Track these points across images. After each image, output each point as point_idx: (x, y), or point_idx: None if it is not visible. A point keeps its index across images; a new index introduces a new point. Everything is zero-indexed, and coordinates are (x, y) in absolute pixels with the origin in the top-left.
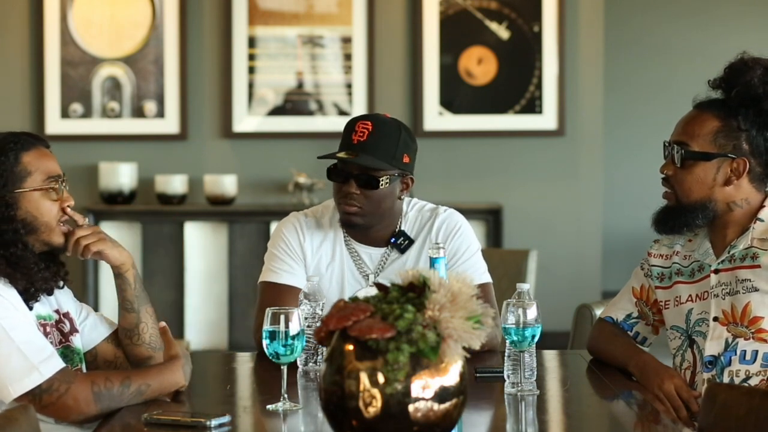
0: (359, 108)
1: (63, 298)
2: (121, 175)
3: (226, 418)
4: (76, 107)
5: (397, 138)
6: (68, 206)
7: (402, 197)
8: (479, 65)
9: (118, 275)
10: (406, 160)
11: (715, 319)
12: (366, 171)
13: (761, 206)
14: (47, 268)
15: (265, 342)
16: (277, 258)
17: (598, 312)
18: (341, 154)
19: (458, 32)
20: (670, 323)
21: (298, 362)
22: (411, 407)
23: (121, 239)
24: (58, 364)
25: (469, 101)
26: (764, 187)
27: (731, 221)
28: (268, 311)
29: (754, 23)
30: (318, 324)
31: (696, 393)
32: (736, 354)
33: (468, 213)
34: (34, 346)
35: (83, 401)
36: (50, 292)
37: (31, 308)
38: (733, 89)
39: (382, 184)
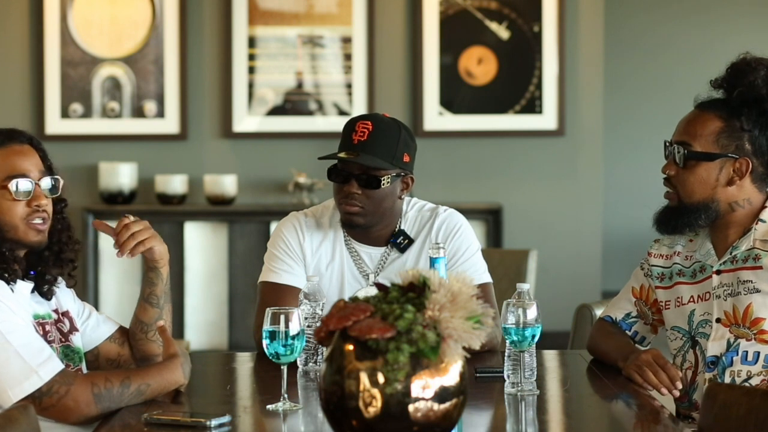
0: (359, 108)
1: (63, 298)
2: (121, 175)
3: (226, 418)
4: (76, 107)
5: (398, 137)
6: (37, 205)
7: (402, 197)
8: (479, 65)
9: (153, 269)
10: (406, 159)
11: (718, 320)
12: (367, 171)
13: (763, 207)
14: (11, 260)
15: (265, 342)
16: (277, 258)
17: (598, 312)
18: (342, 154)
19: (458, 32)
20: (670, 324)
21: (298, 362)
22: (411, 407)
23: None
24: (57, 366)
25: (469, 101)
26: (766, 188)
27: (733, 221)
28: (268, 311)
29: (754, 23)
30: (318, 324)
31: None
32: (737, 354)
33: (468, 213)
34: (33, 349)
35: (83, 403)
36: (49, 295)
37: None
38: (736, 89)
39: (383, 184)
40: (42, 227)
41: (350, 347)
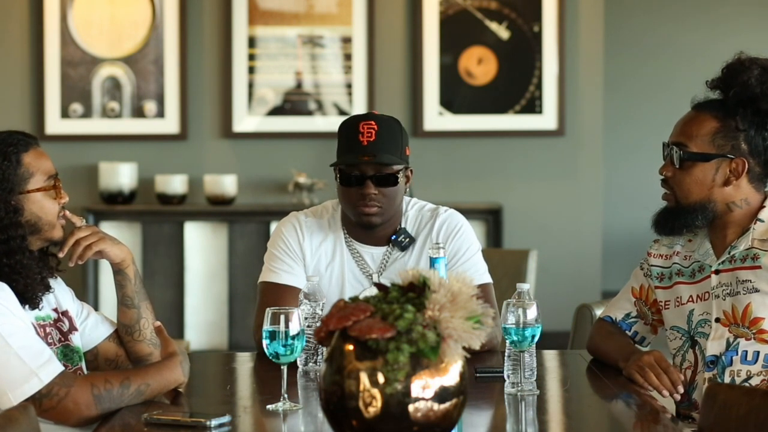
0: (359, 108)
1: (62, 297)
2: (121, 175)
3: (226, 418)
4: (76, 107)
5: (400, 132)
6: (64, 203)
7: (406, 190)
8: (479, 65)
9: (119, 272)
10: (408, 152)
11: (717, 320)
12: (381, 170)
13: (761, 206)
14: (45, 267)
15: (265, 342)
16: (277, 258)
17: (598, 312)
18: (359, 158)
19: (458, 32)
20: (670, 323)
21: (298, 362)
22: (411, 407)
23: (121, 239)
24: (57, 368)
25: (469, 101)
26: (763, 187)
27: (731, 222)
28: (268, 311)
29: (754, 23)
30: (318, 324)
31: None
32: (737, 354)
33: (468, 213)
34: (32, 351)
35: (83, 404)
36: (48, 289)
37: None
38: (731, 89)
39: (399, 180)
40: (63, 223)
41: (350, 347)
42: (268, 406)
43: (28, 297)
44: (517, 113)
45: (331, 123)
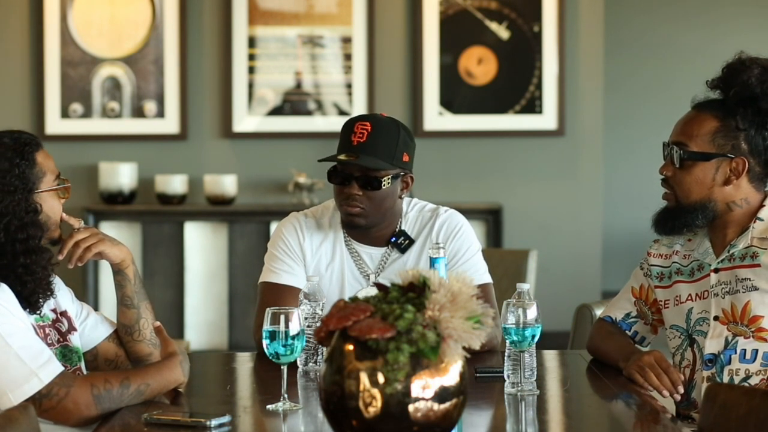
0: (359, 108)
1: (61, 297)
2: (121, 175)
3: (226, 418)
4: (76, 107)
5: (397, 137)
6: (63, 202)
7: (402, 196)
8: (479, 65)
9: (118, 272)
10: (405, 158)
11: (716, 318)
12: (367, 172)
13: (761, 205)
14: (52, 269)
15: (265, 342)
16: (277, 258)
17: (598, 312)
18: (342, 156)
19: (458, 32)
20: (669, 322)
21: (298, 362)
22: (411, 407)
23: (121, 239)
24: (57, 368)
25: (469, 101)
26: (763, 187)
27: (731, 221)
28: (268, 311)
29: (754, 23)
30: (318, 324)
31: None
32: (736, 352)
33: (468, 213)
34: (32, 351)
35: (83, 404)
36: (52, 294)
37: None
38: (731, 89)
39: (384, 185)
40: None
41: (350, 347)
42: (268, 406)
43: (33, 301)
44: (517, 113)
45: (331, 123)
